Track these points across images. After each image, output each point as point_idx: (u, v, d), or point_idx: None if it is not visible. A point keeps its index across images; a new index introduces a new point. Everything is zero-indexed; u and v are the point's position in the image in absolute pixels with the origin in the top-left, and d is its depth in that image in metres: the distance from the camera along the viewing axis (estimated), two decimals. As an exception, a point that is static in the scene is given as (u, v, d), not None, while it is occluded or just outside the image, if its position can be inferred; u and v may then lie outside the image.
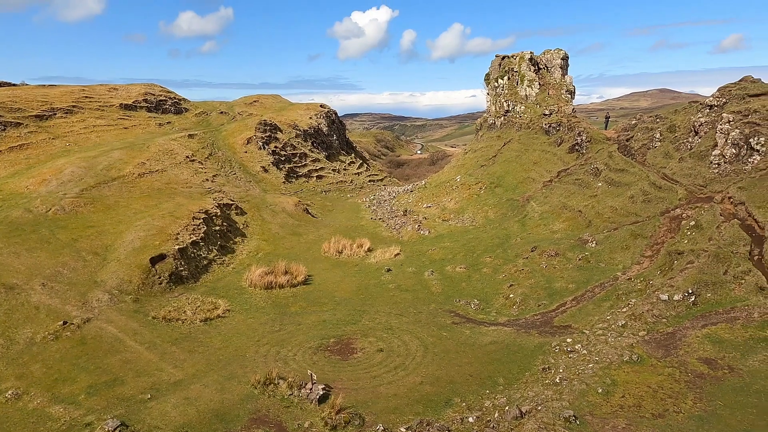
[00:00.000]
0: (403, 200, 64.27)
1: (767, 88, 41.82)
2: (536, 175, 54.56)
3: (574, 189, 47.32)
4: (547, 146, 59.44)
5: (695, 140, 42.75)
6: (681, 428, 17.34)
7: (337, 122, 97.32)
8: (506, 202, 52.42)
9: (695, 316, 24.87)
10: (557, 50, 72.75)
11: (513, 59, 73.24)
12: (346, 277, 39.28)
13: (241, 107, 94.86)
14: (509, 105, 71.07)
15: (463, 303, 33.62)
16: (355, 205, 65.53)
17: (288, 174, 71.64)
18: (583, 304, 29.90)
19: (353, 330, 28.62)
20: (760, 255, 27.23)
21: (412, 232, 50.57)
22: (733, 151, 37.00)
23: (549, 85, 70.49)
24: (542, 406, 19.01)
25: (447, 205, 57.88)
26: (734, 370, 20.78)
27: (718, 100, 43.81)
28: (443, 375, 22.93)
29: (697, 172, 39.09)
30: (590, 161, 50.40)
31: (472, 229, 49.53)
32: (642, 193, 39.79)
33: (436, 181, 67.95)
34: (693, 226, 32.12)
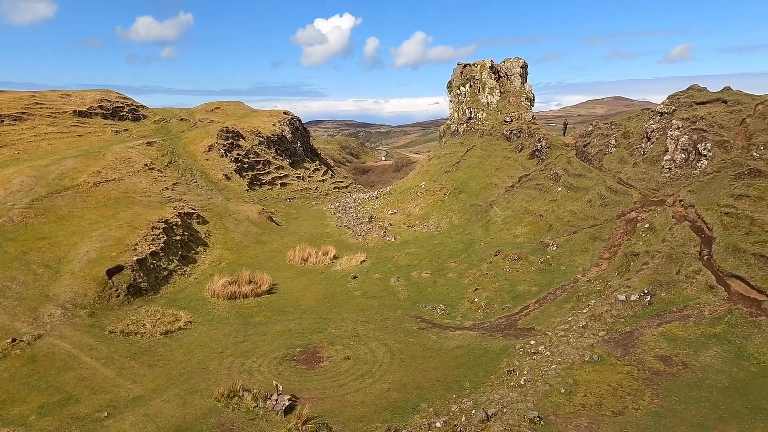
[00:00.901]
0: (369, 207, 64.30)
1: (712, 96, 44.06)
2: (499, 180, 55.60)
3: (535, 194, 48.46)
4: (508, 152, 60.72)
5: (648, 146, 44.54)
6: (639, 424, 17.89)
7: (301, 129, 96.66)
8: (470, 208, 53.17)
9: (651, 315, 25.80)
10: (517, 59, 74.60)
11: (474, 67, 74.64)
12: (311, 285, 38.90)
13: (202, 114, 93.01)
14: (471, 112, 72.32)
15: (429, 308, 33.82)
16: (320, 212, 65.12)
17: (251, 182, 70.58)
18: (546, 307, 30.56)
19: (319, 338, 28.33)
20: (709, 255, 28.53)
21: (377, 238, 50.60)
22: (683, 156, 38.73)
23: (509, 92, 72.14)
24: (508, 408, 19.27)
25: (412, 211, 58.25)
26: (688, 366, 21.64)
27: (668, 107, 45.83)
28: (410, 381, 22.95)
29: (650, 176, 40.71)
30: (550, 167, 51.76)
31: (437, 234, 49.98)
32: (599, 197, 41.11)
33: (401, 188, 68.32)
34: (647, 228, 33.37)
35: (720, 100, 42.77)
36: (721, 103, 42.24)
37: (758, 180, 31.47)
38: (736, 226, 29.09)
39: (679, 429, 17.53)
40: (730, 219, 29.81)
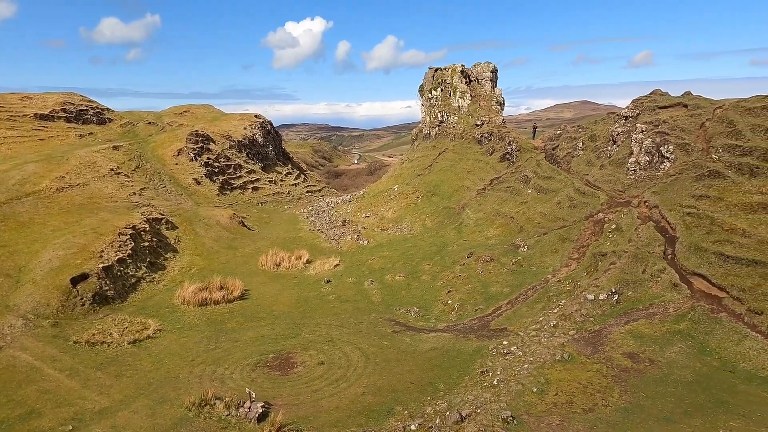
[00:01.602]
0: (342, 210, 64.12)
1: (673, 100, 45.61)
2: (470, 183, 56.23)
3: (506, 196, 49.19)
4: (480, 155, 61.49)
5: (614, 149, 45.77)
6: (609, 421, 18.31)
7: (273, 133, 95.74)
8: (443, 210, 53.59)
9: (619, 314, 26.46)
10: (487, 63, 75.70)
11: (446, 71, 75.38)
12: (284, 290, 38.51)
13: (170, 117, 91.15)
14: (443, 116, 72.98)
15: (403, 311, 33.89)
16: (292, 216, 64.57)
17: (222, 186, 69.50)
18: (518, 307, 31.01)
19: (293, 344, 28.05)
20: (672, 254, 29.47)
21: (351, 242, 50.48)
22: (647, 159, 39.94)
23: (480, 96, 73.11)
24: (481, 408, 19.44)
25: (385, 214, 58.34)
26: (654, 362, 22.27)
27: (632, 111, 47.22)
28: (385, 384, 22.93)
29: (616, 178, 41.83)
30: (520, 169, 52.64)
31: (410, 237, 50.18)
32: (568, 199, 42.00)
33: (374, 191, 68.37)
34: (614, 229, 34.25)
35: (681, 104, 44.31)
36: (681, 108, 43.76)
37: (717, 181, 32.69)
38: (698, 225, 30.14)
39: (647, 424, 18.01)
40: (692, 219, 30.87)
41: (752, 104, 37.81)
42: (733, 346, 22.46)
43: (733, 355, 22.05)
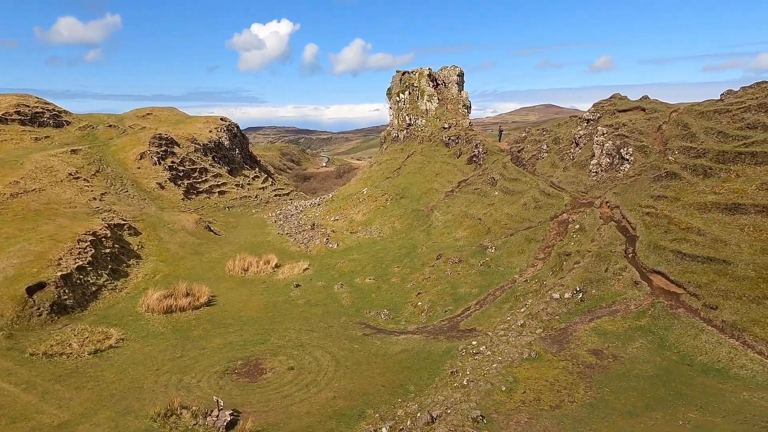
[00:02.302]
0: (311, 214, 63.69)
1: (632, 104, 47.21)
2: (439, 185, 56.74)
3: (473, 198, 49.86)
4: (447, 158, 62.16)
5: (576, 151, 47.04)
6: (575, 417, 18.75)
7: (240, 136, 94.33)
8: (412, 213, 53.88)
9: (583, 312, 27.16)
10: (453, 67, 76.66)
11: (413, 75, 75.94)
12: (253, 295, 37.94)
13: (132, 120, 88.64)
14: (411, 119, 73.45)
15: (373, 314, 33.89)
16: (260, 220, 63.73)
17: (187, 190, 68.01)
18: (486, 307, 31.45)
19: (262, 350, 27.66)
20: (633, 253, 30.46)
21: (320, 245, 50.19)
22: (608, 161, 41.20)
23: (447, 99, 73.95)
24: (452, 409, 19.61)
25: (355, 217, 58.25)
26: (617, 358, 22.94)
27: (593, 114, 48.64)
28: (356, 388, 22.86)
29: (579, 179, 42.98)
30: (487, 172, 53.46)
31: (379, 240, 50.24)
32: (533, 200, 42.90)
33: (343, 194, 68.19)
34: (578, 229, 35.16)
35: (639, 108, 45.90)
36: (640, 111, 45.34)
37: (674, 182, 33.99)
38: (656, 225, 31.26)
39: (611, 418, 18.52)
40: (651, 218, 31.99)
41: (705, 108, 39.52)
42: (691, 340, 23.36)
43: (690, 349, 22.93)
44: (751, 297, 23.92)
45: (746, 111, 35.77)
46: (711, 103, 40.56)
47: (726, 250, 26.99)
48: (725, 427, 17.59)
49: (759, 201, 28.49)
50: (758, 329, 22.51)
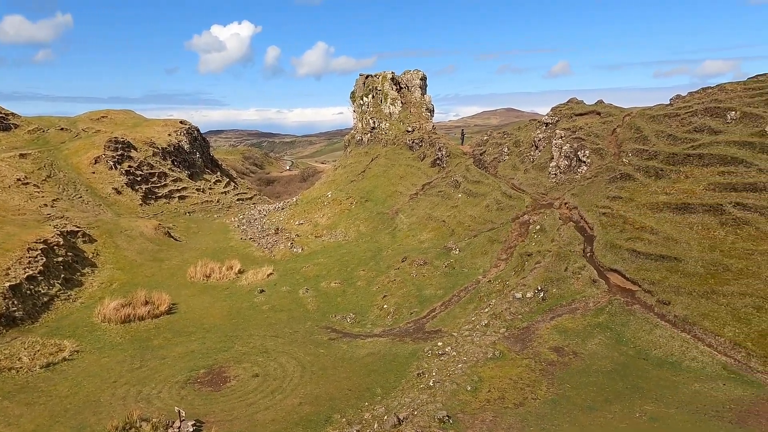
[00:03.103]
0: (275, 218, 62.89)
1: (588, 108, 48.84)
2: (403, 188, 57.08)
3: (437, 200, 50.39)
4: (411, 161, 62.62)
5: (536, 154, 48.24)
6: (538, 414, 19.17)
7: (200, 139, 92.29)
8: (376, 216, 53.97)
9: (545, 311, 27.82)
10: (416, 71, 77.35)
11: (376, 78, 76.20)
12: (215, 302, 37.14)
13: (86, 123, 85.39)
14: (375, 122, 73.66)
15: (339, 318, 33.73)
16: (223, 225, 62.47)
17: (145, 195, 66.02)
18: (451, 308, 31.80)
19: (225, 357, 27.09)
20: (591, 252, 31.45)
21: (284, 250, 49.62)
22: (566, 163, 42.44)
23: (410, 103, 74.53)
24: (418, 410, 19.71)
25: (319, 221, 57.89)
26: (578, 354, 23.61)
27: (551, 118, 50.03)
28: (322, 393, 22.68)
29: (539, 181, 44.09)
30: (450, 174, 54.14)
31: (344, 243, 50.08)
32: (496, 202, 43.72)
33: (307, 198, 67.67)
34: (539, 229, 36.03)
35: (595, 112, 47.52)
36: (595, 115, 46.94)
37: (628, 183, 35.31)
38: (612, 224, 32.38)
39: (572, 413, 19.04)
40: (607, 218, 33.12)
41: (655, 112, 41.27)
42: (646, 335, 24.27)
43: (646, 344, 23.82)
44: (701, 292, 25.08)
45: (693, 115, 37.55)
46: (661, 107, 42.38)
47: (677, 248, 28.21)
48: (679, 417, 18.36)
49: (706, 201, 29.93)
50: (707, 323, 23.61)
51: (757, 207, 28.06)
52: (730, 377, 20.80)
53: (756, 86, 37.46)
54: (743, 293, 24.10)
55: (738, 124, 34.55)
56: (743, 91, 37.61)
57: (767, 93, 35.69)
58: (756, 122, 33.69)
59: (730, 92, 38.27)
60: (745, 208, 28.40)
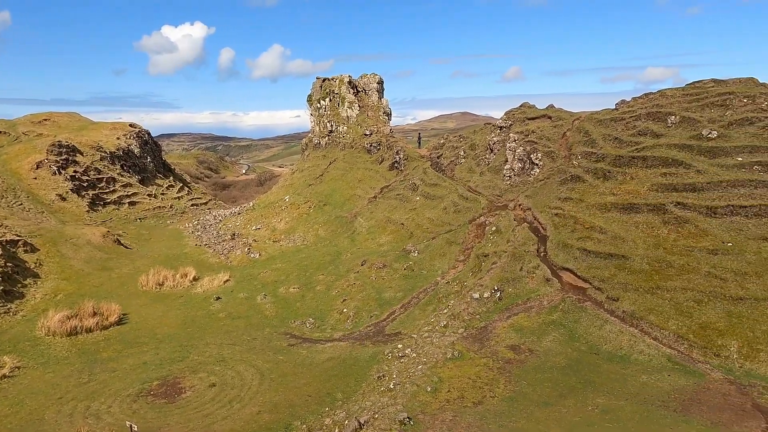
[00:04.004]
0: (231, 223, 61.58)
1: (540, 112, 50.40)
2: (362, 192, 57.09)
3: (396, 203, 50.68)
4: (369, 164, 62.74)
5: (491, 157, 49.34)
6: (496, 411, 19.56)
7: (152, 143, 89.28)
8: (335, 220, 53.74)
9: (501, 310, 28.45)
10: (373, 75, 77.65)
11: (333, 82, 76.01)
12: (169, 310, 35.95)
13: (26, 126, 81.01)
14: (332, 125, 73.43)
15: (298, 323, 33.36)
16: (176, 231, 60.62)
17: (93, 201, 63.24)
18: (410, 310, 32.02)
19: (180, 368, 26.25)
20: (545, 251, 32.40)
21: (241, 255, 48.64)
22: (520, 165, 43.61)
23: (368, 107, 74.72)
24: (379, 413, 19.73)
25: (277, 225, 57.11)
26: (533, 351, 24.26)
27: (505, 122, 51.31)
28: (282, 400, 22.34)
29: (494, 184, 45.11)
30: (408, 177, 54.59)
31: (303, 248, 49.59)
32: (453, 204, 44.39)
33: (264, 202, 66.62)
34: (494, 231, 36.83)
35: (546, 116, 49.09)
36: (547, 119, 48.49)
37: (578, 184, 36.63)
38: (564, 225, 33.49)
39: (528, 409, 19.53)
40: (559, 219, 34.23)
41: (602, 116, 43.04)
42: (597, 330, 25.22)
43: (597, 339, 24.75)
44: (646, 288, 26.29)
45: (637, 119, 39.40)
46: (607, 111, 44.23)
47: (624, 246, 29.48)
48: (628, 408, 19.16)
49: (650, 201, 31.43)
50: (653, 317, 24.78)
51: (696, 206, 29.71)
52: (675, 368, 21.89)
53: (693, 92, 39.68)
54: (685, 288, 25.44)
55: (678, 128, 36.49)
56: (682, 96, 39.76)
57: (703, 98, 37.87)
58: (694, 126, 35.68)
59: (670, 97, 40.37)
60: (685, 207, 30.01)
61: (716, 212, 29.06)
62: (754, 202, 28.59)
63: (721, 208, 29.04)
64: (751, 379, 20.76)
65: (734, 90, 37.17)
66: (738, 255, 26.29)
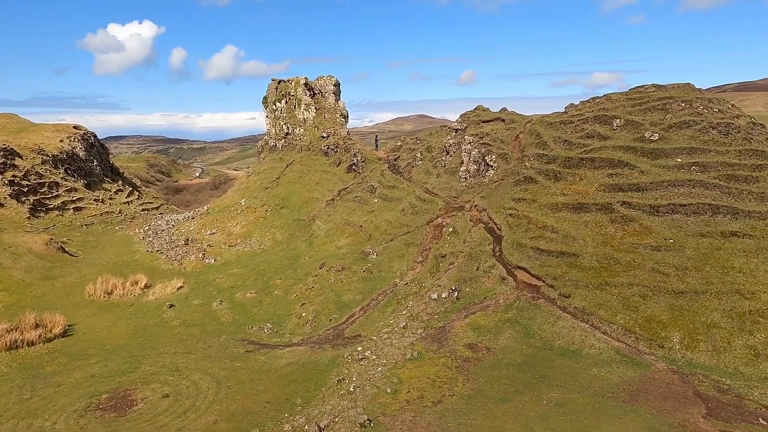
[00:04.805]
0: (184, 228, 59.80)
1: (494, 115, 51.61)
2: (319, 194, 56.72)
3: (354, 206, 50.63)
4: (327, 167, 62.43)
5: (447, 159, 50.10)
6: (455, 409, 19.85)
7: (98, 146, 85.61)
8: (293, 223, 53.15)
9: (459, 309, 28.90)
10: (329, 77, 77.36)
11: (289, 84, 75.23)
12: (119, 320, 34.52)
13: (-41, 128, 76.04)
14: (289, 128, 72.63)
15: (256, 329, 32.75)
16: (126, 237, 58.33)
17: (34, 207, 59.97)
18: (370, 313, 32.03)
19: (131, 379, 25.25)
20: (500, 251, 33.16)
21: (196, 261, 47.30)
22: (475, 167, 44.49)
23: (324, 109, 74.36)
24: (339, 417, 19.63)
25: (233, 230, 55.92)
26: (490, 349, 24.76)
27: (460, 125, 52.24)
28: (239, 408, 21.85)
29: (451, 185, 45.82)
30: (366, 180, 54.67)
31: (260, 252, 48.76)
32: (411, 206, 44.77)
33: (219, 206, 65.10)
34: (451, 231, 37.39)
35: (499, 119, 50.31)
36: (500, 122, 49.70)
37: (531, 185, 37.72)
38: (518, 225, 34.40)
39: (486, 406, 19.92)
40: (513, 219, 35.14)
41: (552, 119, 44.52)
42: (550, 327, 26.02)
43: (550, 335, 25.53)
44: (596, 284, 27.36)
45: (585, 122, 40.98)
46: (557, 115, 45.79)
47: (575, 244, 30.57)
48: (580, 401, 19.86)
49: (598, 200, 32.75)
50: (602, 312, 25.80)
51: (641, 205, 31.18)
52: (623, 360, 22.87)
53: (636, 96, 41.65)
54: (631, 283, 26.64)
55: (623, 131, 38.19)
56: (626, 100, 41.66)
57: (645, 102, 39.80)
58: (637, 129, 37.45)
59: (615, 102, 42.23)
60: (630, 206, 31.44)
61: (659, 211, 30.60)
62: (692, 201, 30.30)
63: (663, 207, 30.60)
64: (692, 368, 21.97)
65: (673, 95, 39.28)
66: (679, 251, 27.78)
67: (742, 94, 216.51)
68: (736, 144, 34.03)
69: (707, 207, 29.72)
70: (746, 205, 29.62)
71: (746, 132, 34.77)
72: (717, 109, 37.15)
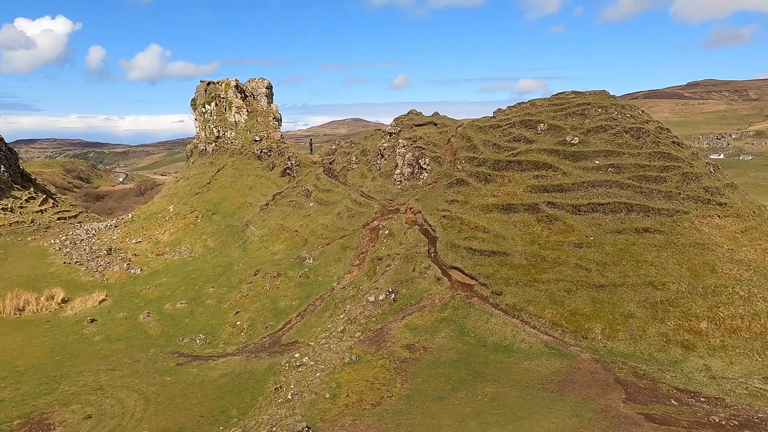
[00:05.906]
0: (107, 237, 56.26)
1: (426, 119, 52.71)
2: (253, 199, 55.36)
3: (289, 210, 49.85)
4: (260, 171, 61.07)
5: (382, 162, 50.54)
6: (394, 410, 20.03)
7: (5, 150, 78.63)
8: (225, 229, 51.51)
9: (396, 311, 29.20)
10: (261, 79, 75.78)
11: (219, 86, 72.95)
12: (32, 338, 31.89)
13: None
14: (219, 131, 70.40)
15: (187, 340, 31.41)
16: (39, 249, 53.96)
17: (-71, 218, 54.12)
18: (307, 318, 31.65)
19: (48, 401, 23.39)
20: (435, 252, 33.88)
21: (120, 272, 44.62)
22: (409, 170, 45.19)
23: (257, 112, 72.73)
24: (277, 426, 19.23)
25: (161, 237, 53.31)
26: (427, 349, 25.21)
27: (394, 128, 52.90)
28: (170, 425, 20.85)
29: (386, 188, 46.25)
30: (301, 183, 54.01)
31: (191, 260, 46.82)
32: (347, 209, 44.72)
33: (145, 213, 61.88)
34: (387, 234, 37.73)
35: (432, 123, 51.45)
36: (433, 126, 50.83)
37: (463, 188, 38.84)
38: (451, 226, 35.31)
39: (424, 405, 20.26)
40: (447, 221, 36.02)
41: (482, 123, 46.13)
42: (484, 324, 26.90)
43: (484, 332, 26.39)
44: (525, 281, 28.62)
45: (512, 126, 42.78)
46: (486, 119, 47.49)
47: (505, 243, 31.82)
48: (513, 394, 20.67)
49: (525, 201, 34.30)
50: (531, 307, 27.03)
51: (564, 205, 33.00)
52: (551, 353, 24.08)
53: (558, 102, 44.04)
54: (557, 279, 28.11)
55: (546, 134, 40.24)
56: (549, 106, 43.94)
57: (566, 108, 42.18)
58: (559, 133, 39.60)
59: (540, 107, 44.42)
60: (554, 206, 33.19)
61: (580, 210, 32.53)
62: (609, 200, 32.48)
63: (584, 206, 32.56)
64: (613, 357, 23.51)
65: (591, 101, 41.90)
66: (599, 247, 29.67)
67: (652, 101, 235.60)
68: (646, 147, 36.84)
69: (623, 205, 31.97)
70: (656, 203, 32.14)
71: (655, 136, 37.74)
72: (629, 114, 40.06)
